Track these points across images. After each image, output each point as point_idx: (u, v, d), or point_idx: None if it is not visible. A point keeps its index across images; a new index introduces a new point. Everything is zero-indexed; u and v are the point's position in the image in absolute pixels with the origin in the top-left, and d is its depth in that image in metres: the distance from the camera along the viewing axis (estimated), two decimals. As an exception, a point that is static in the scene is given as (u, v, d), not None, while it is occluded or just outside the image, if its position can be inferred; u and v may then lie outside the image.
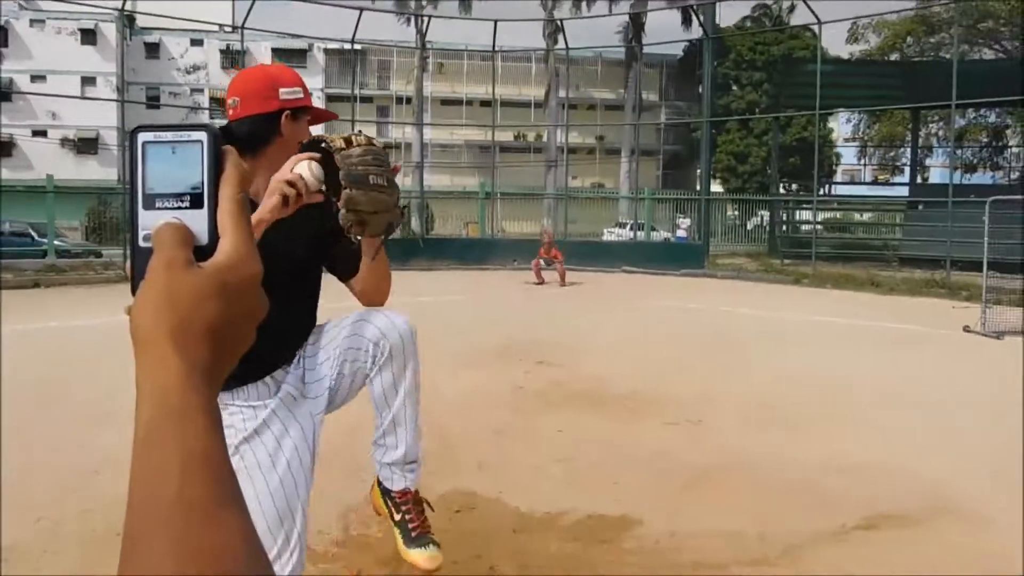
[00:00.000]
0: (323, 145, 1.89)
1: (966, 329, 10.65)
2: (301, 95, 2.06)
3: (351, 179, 1.84)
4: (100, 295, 13.63)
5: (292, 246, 2.00)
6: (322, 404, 2.18)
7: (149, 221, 0.57)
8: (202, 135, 0.59)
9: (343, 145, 1.87)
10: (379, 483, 2.45)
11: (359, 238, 1.95)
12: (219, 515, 0.47)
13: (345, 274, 2.14)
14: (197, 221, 0.58)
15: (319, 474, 2.33)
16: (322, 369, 2.17)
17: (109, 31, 40.66)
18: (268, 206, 1.77)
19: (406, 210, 2.32)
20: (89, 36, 40.79)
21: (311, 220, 1.99)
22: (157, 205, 0.58)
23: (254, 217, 1.69)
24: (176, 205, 0.58)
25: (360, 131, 2.15)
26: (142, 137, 0.59)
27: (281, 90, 2.02)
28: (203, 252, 0.56)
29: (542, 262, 17.36)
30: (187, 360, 0.52)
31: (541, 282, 17.14)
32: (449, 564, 3.09)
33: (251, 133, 1.99)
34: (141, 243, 0.57)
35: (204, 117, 42.59)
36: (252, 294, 0.57)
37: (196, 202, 0.58)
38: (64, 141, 40.01)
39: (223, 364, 0.55)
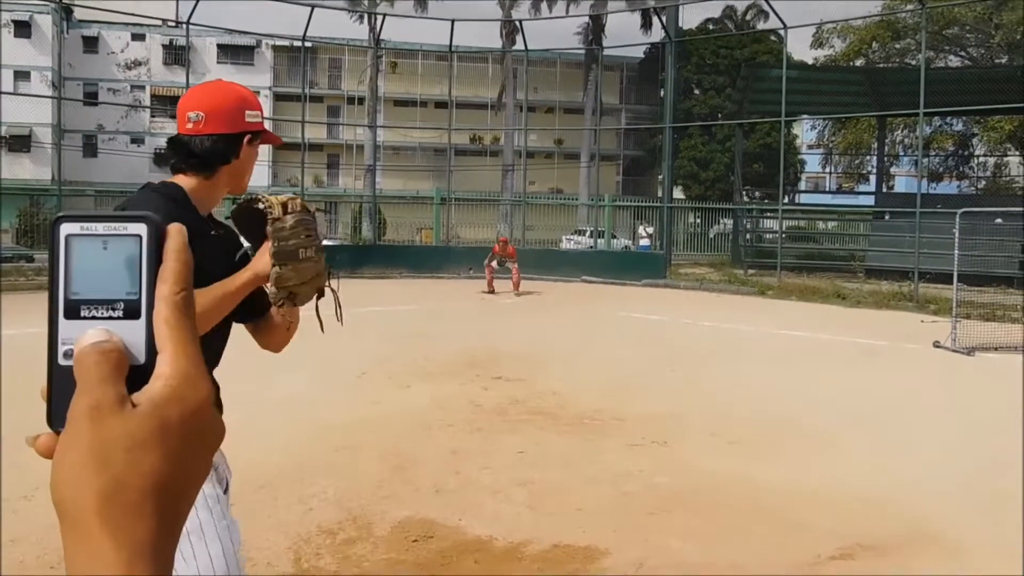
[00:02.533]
0: (260, 207, 1.92)
1: (936, 345, 10.51)
2: (260, 119, 2.04)
3: (282, 256, 1.87)
4: (32, 302, 13.35)
5: (214, 268, 1.90)
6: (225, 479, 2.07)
7: (72, 333, 0.48)
8: (141, 228, 0.48)
9: (279, 214, 1.89)
10: None
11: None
12: None
13: (247, 319, 2.07)
14: (133, 333, 0.48)
15: (265, 506, 2.65)
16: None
17: (45, 23, 38.98)
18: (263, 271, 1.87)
19: (333, 272, 2.08)
20: (23, 28, 38.96)
21: (230, 252, 2.00)
22: (83, 314, 0.48)
23: (230, 285, 1.84)
24: (106, 314, 0.48)
25: (296, 195, 1.99)
26: (65, 229, 0.48)
27: (247, 112, 1.99)
28: (140, 372, 0.47)
29: (495, 264, 16.82)
30: (125, 543, 0.44)
31: (492, 291, 16.69)
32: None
33: (212, 152, 1.94)
34: (61, 360, 0.48)
35: (145, 116, 41.03)
36: (202, 424, 0.47)
37: (131, 311, 0.48)
38: (-5, 138, 38.13)
39: (174, 526, 0.46)
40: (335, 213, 30.97)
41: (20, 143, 38.72)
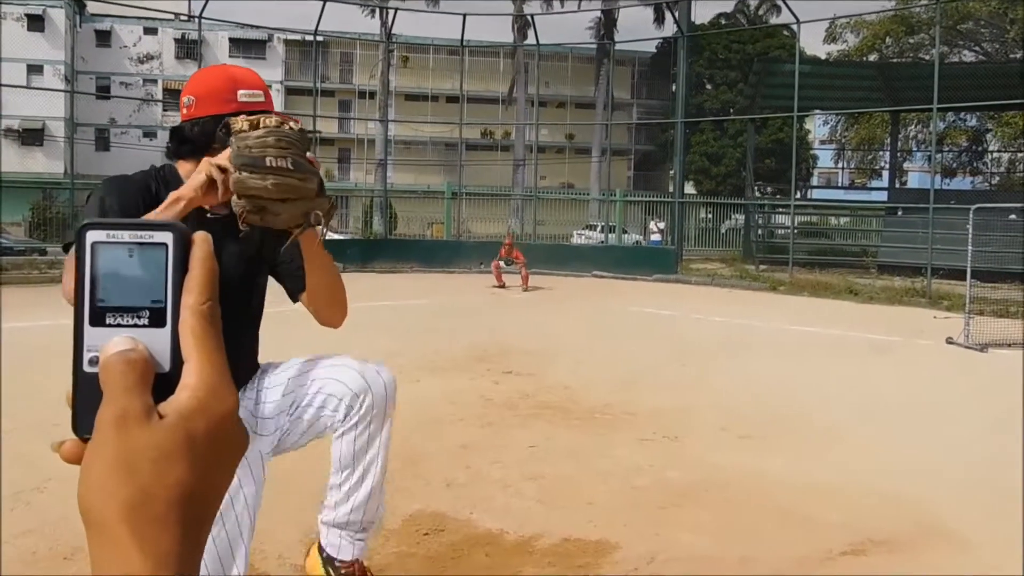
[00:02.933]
0: (223, 130, 1.74)
1: (949, 341, 10.48)
2: (262, 99, 1.94)
3: (239, 162, 1.65)
4: (44, 295, 13.44)
5: (229, 259, 1.90)
6: (269, 445, 2.10)
7: (97, 340, 0.49)
8: (167, 236, 0.49)
9: (244, 127, 1.68)
10: (321, 549, 2.28)
11: (270, 229, 1.75)
12: None
13: (294, 292, 2.03)
14: (158, 341, 0.49)
15: (279, 498, 2.36)
16: (277, 406, 2.07)
17: (58, 17, 39.12)
18: (194, 183, 1.69)
19: (334, 200, 1.81)
20: (36, 22, 39.08)
21: (249, 234, 1.82)
22: (108, 321, 0.49)
23: (174, 193, 1.68)
24: (132, 322, 0.49)
25: (273, 115, 1.76)
26: (92, 236, 0.49)
27: (240, 92, 1.91)
28: (165, 381, 0.48)
29: (502, 263, 16.97)
30: (150, 553, 0.44)
31: (502, 285, 16.78)
32: (418, 591, 3.14)
33: (204, 134, 1.88)
34: (86, 367, 0.49)
35: (157, 110, 41.17)
36: (228, 435, 0.48)
37: (157, 319, 0.49)
38: (8, 132, 38.34)
39: (199, 536, 0.47)
40: (346, 207, 31.00)
41: (33, 137, 38.90)
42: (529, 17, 27.19)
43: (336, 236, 24.61)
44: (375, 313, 11.56)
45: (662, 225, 26.26)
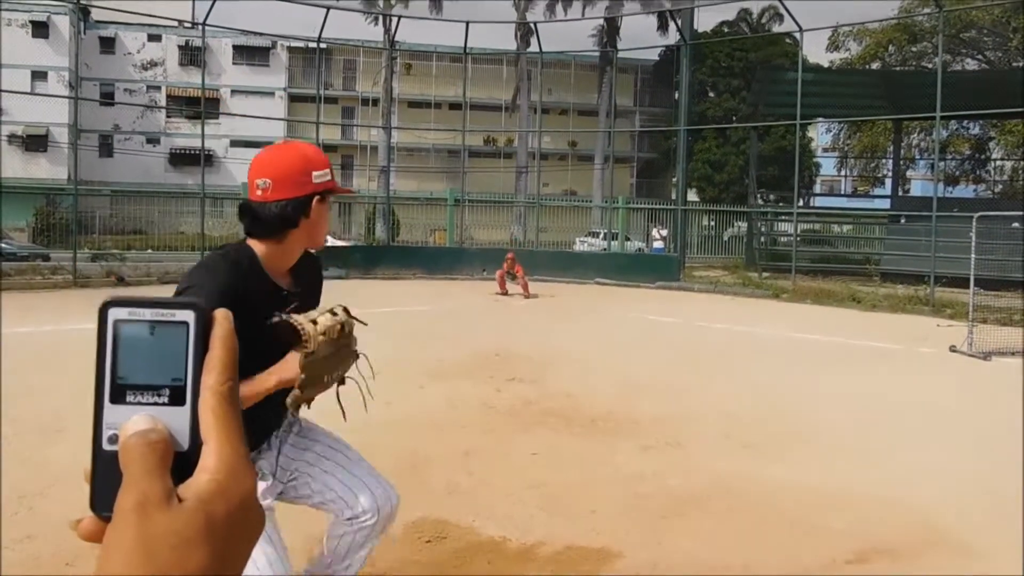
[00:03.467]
0: (303, 339, 1.97)
1: (952, 349, 10.46)
2: (329, 177, 2.05)
3: (307, 384, 2.00)
4: (47, 300, 13.67)
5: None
6: (276, 491, 2.27)
7: (117, 418, 0.49)
8: (188, 315, 0.49)
9: (314, 347, 1.96)
10: None
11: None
12: None
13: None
14: (177, 420, 0.49)
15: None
16: (295, 466, 2.29)
17: (62, 24, 39.24)
18: (286, 375, 1.96)
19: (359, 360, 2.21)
20: (41, 29, 39.22)
21: (316, 277, 2.21)
22: (128, 399, 0.49)
23: (274, 376, 1.96)
24: (152, 400, 0.49)
25: (338, 314, 2.05)
26: (114, 314, 0.50)
27: (314, 173, 2.00)
28: (184, 459, 0.48)
29: (506, 276, 17.03)
30: None
31: (505, 292, 16.81)
32: (421, 598, 3.21)
33: (280, 218, 1.97)
34: (106, 445, 0.48)
35: (160, 116, 41.26)
36: (246, 516, 0.48)
37: (177, 397, 0.49)
38: (12, 138, 38.44)
39: None
40: (349, 214, 31.04)
41: (37, 143, 38.99)
42: (532, 25, 27.25)
43: (339, 243, 24.63)
44: (378, 319, 11.49)
45: (665, 232, 26.23)
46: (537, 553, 3.85)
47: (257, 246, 2.03)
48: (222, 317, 0.50)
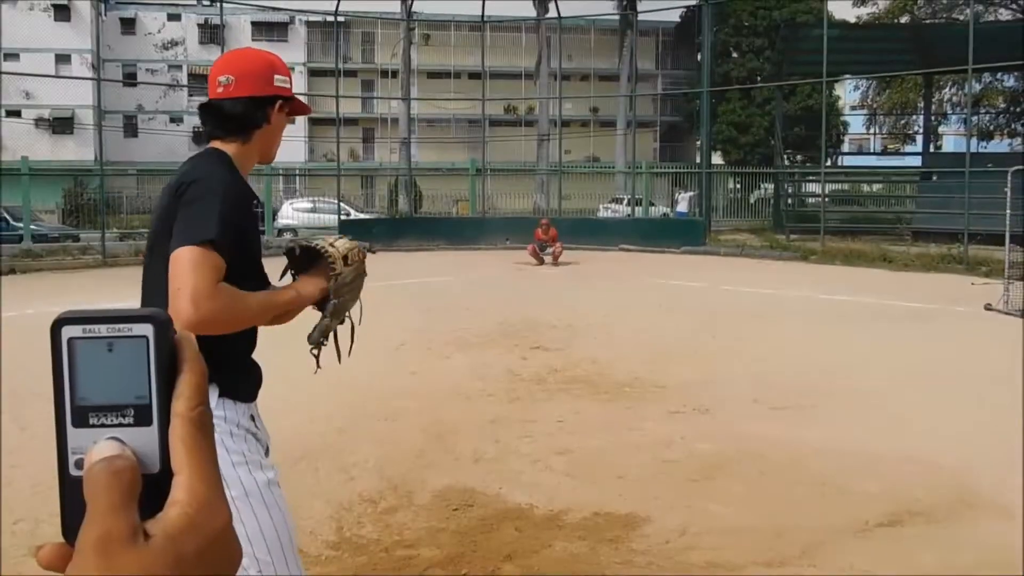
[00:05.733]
0: (319, 252, 1.98)
1: (987, 307, 10.31)
2: (289, 85, 2.04)
3: (336, 312, 2.01)
4: (78, 280, 13.86)
5: (256, 244, 2.00)
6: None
7: (81, 442, 0.46)
8: (146, 328, 0.46)
9: (341, 268, 1.97)
10: None
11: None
12: None
13: None
14: (145, 441, 0.46)
15: (308, 474, 2.65)
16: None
17: (83, 7, 39.36)
18: (309, 295, 1.97)
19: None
20: (63, 12, 39.37)
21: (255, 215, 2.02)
22: (91, 421, 0.46)
23: (300, 294, 1.96)
24: (116, 421, 0.46)
25: (355, 244, 2.07)
26: (67, 332, 0.46)
27: (276, 76, 1.98)
28: (154, 484, 0.45)
29: (537, 246, 16.77)
30: None
31: (540, 262, 16.61)
32: (449, 564, 3.34)
33: (245, 115, 1.93)
34: (73, 471, 0.46)
35: (183, 95, 41.39)
36: (220, 551, 0.44)
37: (142, 416, 0.46)
38: (39, 121, 38.83)
39: None
40: (372, 187, 31.07)
41: (63, 125, 39.35)
42: (551, -10, 26.87)
43: (362, 216, 24.65)
44: (403, 291, 11.56)
45: (687, 195, 25.95)
46: (564, 520, 3.83)
47: (226, 148, 1.94)
48: (187, 339, 0.47)
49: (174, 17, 42.19)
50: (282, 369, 3.22)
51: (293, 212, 24.59)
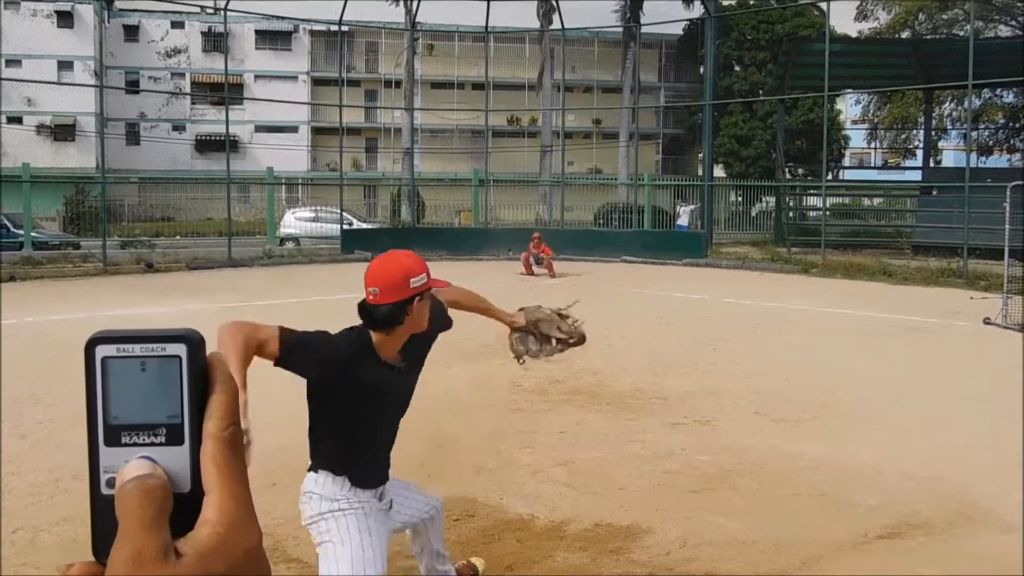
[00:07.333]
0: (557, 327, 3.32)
1: (986, 321, 10.32)
2: (425, 279, 2.52)
3: (543, 351, 3.31)
4: (79, 288, 13.82)
5: (407, 382, 2.71)
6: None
7: (113, 461, 0.46)
8: (180, 348, 0.46)
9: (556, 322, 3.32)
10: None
11: None
12: None
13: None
14: (176, 461, 0.46)
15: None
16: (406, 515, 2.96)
17: (86, 13, 39.50)
18: (519, 319, 3.41)
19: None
20: (66, 18, 39.53)
21: (424, 345, 2.78)
22: (123, 440, 0.46)
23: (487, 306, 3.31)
24: (148, 440, 0.46)
25: (567, 316, 3.40)
26: (102, 351, 0.46)
27: (411, 281, 2.46)
28: (185, 504, 0.45)
29: (532, 258, 17.01)
30: None
31: (531, 273, 16.85)
32: None
33: (388, 318, 2.46)
34: (104, 489, 0.46)
35: (186, 103, 41.51)
36: (249, 573, 0.45)
37: (175, 436, 0.46)
38: (40, 128, 38.89)
39: None
40: (374, 197, 31.11)
41: (65, 132, 39.41)
42: (554, 2, 26.98)
43: (364, 225, 24.69)
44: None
45: (688, 208, 25.93)
46: (566, 530, 3.84)
47: (372, 335, 2.52)
48: (218, 359, 0.47)
49: (177, 25, 42.30)
50: (283, 379, 3.22)
51: (295, 221, 24.64)
